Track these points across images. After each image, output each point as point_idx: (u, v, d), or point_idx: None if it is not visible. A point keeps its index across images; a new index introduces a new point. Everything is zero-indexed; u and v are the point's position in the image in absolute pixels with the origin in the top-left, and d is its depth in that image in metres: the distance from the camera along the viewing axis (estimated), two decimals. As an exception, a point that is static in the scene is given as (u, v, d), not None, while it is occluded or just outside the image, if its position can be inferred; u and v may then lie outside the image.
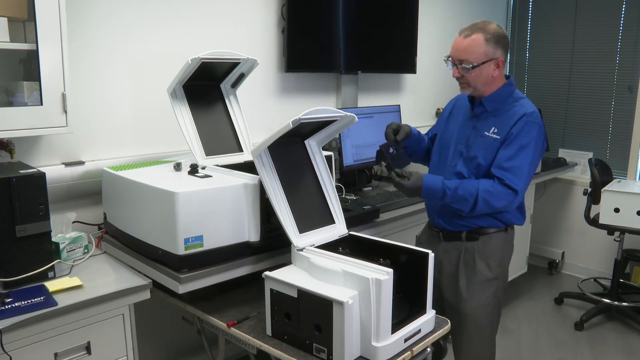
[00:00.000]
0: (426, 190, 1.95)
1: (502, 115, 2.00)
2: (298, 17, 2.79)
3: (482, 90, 2.01)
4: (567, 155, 4.20)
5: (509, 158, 1.93)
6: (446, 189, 1.94)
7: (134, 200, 1.86)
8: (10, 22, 1.75)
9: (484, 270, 2.07)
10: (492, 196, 1.92)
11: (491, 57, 1.94)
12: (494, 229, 2.07)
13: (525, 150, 1.93)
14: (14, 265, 1.64)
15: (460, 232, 2.08)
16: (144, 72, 2.33)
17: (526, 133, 1.93)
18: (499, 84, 2.02)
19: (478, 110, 2.05)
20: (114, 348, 1.70)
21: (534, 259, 4.30)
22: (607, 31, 3.96)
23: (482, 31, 1.92)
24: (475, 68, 1.93)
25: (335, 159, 2.70)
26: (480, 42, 1.91)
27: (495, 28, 1.95)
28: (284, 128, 1.60)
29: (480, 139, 2.01)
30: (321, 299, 1.48)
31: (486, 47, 1.92)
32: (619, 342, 3.24)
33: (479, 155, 2.00)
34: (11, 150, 1.94)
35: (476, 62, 1.93)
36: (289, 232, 1.71)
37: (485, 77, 1.97)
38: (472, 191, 1.92)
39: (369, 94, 3.39)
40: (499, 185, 1.92)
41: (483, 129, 2.02)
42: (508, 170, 1.92)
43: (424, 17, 3.46)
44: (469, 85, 1.99)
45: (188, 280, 1.69)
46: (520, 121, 1.94)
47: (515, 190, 1.91)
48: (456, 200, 1.94)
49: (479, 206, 1.93)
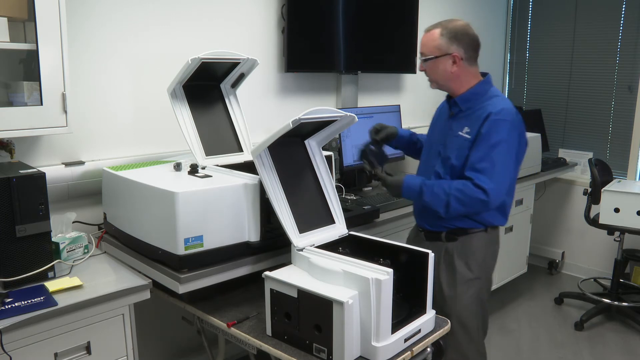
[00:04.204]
0: (406, 188, 2.00)
1: (473, 114, 2.00)
2: (298, 17, 2.79)
3: (446, 86, 2.05)
4: (567, 155, 4.20)
5: (479, 159, 1.92)
6: (423, 186, 1.97)
7: (134, 200, 1.86)
8: (10, 22, 1.75)
9: (463, 270, 2.08)
10: (465, 195, 1.91)
11: (445, 52, 1.97)
12: (474, 230, 2.07)
13: (496, 150, 1.91)
14: (14, 265, 1.64)
15: (440, 233, 2.10)
16: (144, 72, 2.34)
17: (494, 132, 1.91)
18: (472, 82, 2.02)
19: (454, 109, 2.07)
20: (114, 348, 1.70)
21: (534, 259, 4.30)
22: (607, 31, 3.97)
23: (441, 26, 1.98)
24: (429, 61, 2.00)
25: (335, 159, 2.70)
26: (435, 37, 1.98)
27: (458, 25, 1.99)
28: (284, 128, 1.60)
29: (454, 139, 2.02)
30: (321, 299, 1.48)
31: (440, 41, 1.97)
32: (619, 342, 3.24)
33: (452, 156, 2.01)
34: (11, 150, 1.95)
35: (430, 55, 1.99)
36: (289, 232, 1.71)
37: (443, 72, 2.00)
38: (446, 189, 1.93)
39: (369, 94, 3.39)
40: (471, 185, 1.91)
41: (457, 129, 2.03)
42: (479, 170, 1.91)
43: (424, 17, 3.46)
44: (430, 79, 2.06)
45: (188, 280, 1.69)
46: (488, 120, 1.93)
47: (484, 190, 1.88)
48: (432, 198, 1.96)
49: (452, 206, 1.93)
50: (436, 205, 1.96)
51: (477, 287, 2.11)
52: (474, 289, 2.10)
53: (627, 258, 3.66)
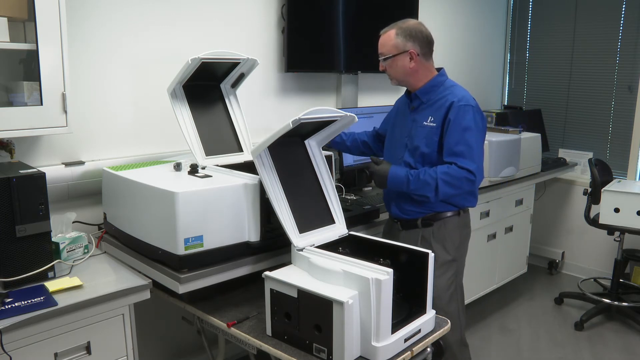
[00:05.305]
0: (392, 177, 2.08)
1: (435, 104, 2.13)
2: (298, 17, 2.79)
3: (405, 81, 2.17)
4: (567, 155, 4.20)
5: (456, 143, 2.04)
6: (409, 175, 2.05)
7: (134, 200, 1.86)
8: (10, 22, 1.75)
9: (440, 253, 2.16)
10: (452, 177, 2.01)
11: (402, 50, 2.09)
12: (449, 213, 2.18)
13: (469, 132, 2.04)
14: (14, 265, 1.64)
15: (416, 220, 2.19)
16: (144, 72, 2.33)
17: (462, 116, 2.05)
18: (429, 76, 2.16)
19: (415, 103, 2.20)
20: (114, 348, 1.70)
21: (534, 259, 4.30)
22: (607, 31, 3.96)
23: (396, 27, 2.11)
24: (388, 59, 2.12)
25: (335, 159, 2.71)
26: (391, 36, 2.10)
27: (411, 24, 2.12)
28: (284, 128, 1.61)
29: (420, 129, 2.14)
30: (321, 299, 1.48)
31: (396, 40, 2.09)
32: (619, 342, 3.24)
33: (421, 145, 2.12)
34: (11, 150, 1.95)
35: (388, 54, 2.11)
36: (289, 232, 1.71)
37: (402, 69, 2.12)
38: (432, 175, 2.03)
39: (369, 94, 3.39)
40: (456, 168, 2.01)
41: (421, 119, 2.15)
42: (458, 154, 2.03)
43: (424, 18, 3.46)
44: (390, 76, 2.19)
45: (188, 280, 1.69)
46: (453, 108, 2.06)
47: (470, 171, 2.01)
48: (420, 186, 2.04)
49: (441, 189, 2.01)
50: (425, 191, 2.04)
51: (454, 270, 2.23)
52: (452, 271, 2.21)
53: (627, 258, 3.66)
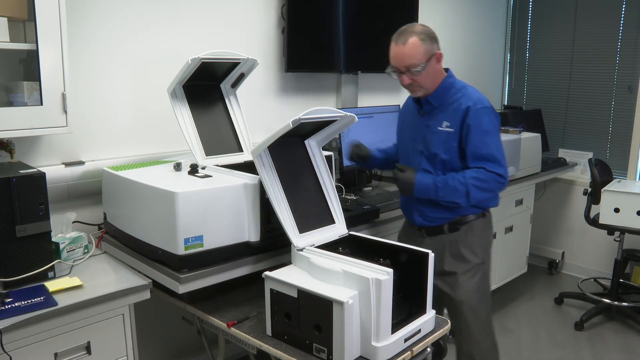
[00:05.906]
0: (419, 185, 2.03)
1: (449, 107, 2.08)
2: (298, 17, 2.79)
3: (431, 88, 2.09)
4: (567, 155, 4.19)
5: (479, 147, 2.01)
6: (437, 182, 2.02)
7: (134, 200, 1.86)
8: (10, 22, 1.75)
9: (470, 257, 2.14)
10: (482, 182, 1.99)
11: (431, 54, 2.02)
12: (474, 216, 2.15)
13: (489, 135, 2.02)
14: (14, 265, 1.64)
15: (442, 226, 2.15)
16: (144, 72, 2.33)
17: (481, 119, 2.01)
18: (440, 78, 2.11)
19: (427, 108, 2.13)
20: (114, 348, 1.70)
21: (534, 259, 4.30)
22: (607, 31, 3.96)
23: (414, 34, 2.00)
24: (424, 69, 2.01)
25: (335, 159, 2.70)
26: (417, 44, 1.99)
27: (422, 27, 2.05)
28: (284, 128, 1.60)
29: (435, 135, 2.09)
30: (321, 299, 1.48)
31: (424, 46, 2.00)
32: (619, 342, 3.24)
33: (439, 152, 2.07)
34: (11, 150, 1.95)
35: (423, 63, 2.00)
36: (289, 232, 1.70)
37: (434, 75, 2.06)
38: (461, 180, 2.00)
39: (369, 94, 3.39)
40: (484, 172, 2.00)
41: (435, 125, 2.09)
42: (485, 159, 2.01)
43: (424, 18, 3.46)
44: (421, 87, 2.06)
45: (188, 280, 1.69)
46: (470, 111, 2.01)
47: (499, 174, 2.00)
48: (449, 192, 2.01)
49: (472, 194, 1.99)
50: (454, 197, 2.02)
51: (483, 272, 2.20)
52: (480, 273, 2.18)
53: (627, 258, 3.65)
